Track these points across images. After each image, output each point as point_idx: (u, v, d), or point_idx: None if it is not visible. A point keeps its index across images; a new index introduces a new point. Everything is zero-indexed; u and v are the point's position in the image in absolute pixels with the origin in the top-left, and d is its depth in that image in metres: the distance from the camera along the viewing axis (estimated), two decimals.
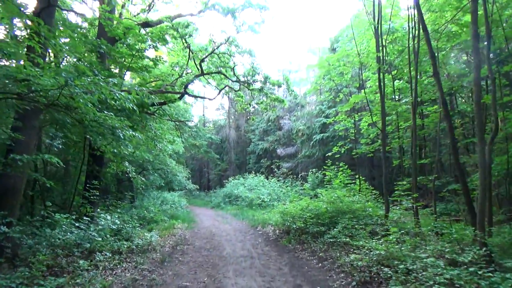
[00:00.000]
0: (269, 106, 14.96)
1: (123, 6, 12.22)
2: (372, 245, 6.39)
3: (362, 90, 14.13)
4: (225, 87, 12.43)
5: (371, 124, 15.23)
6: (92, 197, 9.28)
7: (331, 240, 7.85)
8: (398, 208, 10.30)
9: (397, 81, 12.89)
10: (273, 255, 8.04)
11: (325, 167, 15.52)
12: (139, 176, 12.17)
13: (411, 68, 9.55)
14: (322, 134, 21.63)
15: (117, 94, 5.98)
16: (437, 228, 6.99)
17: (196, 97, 12.09)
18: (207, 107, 79.71)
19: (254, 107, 32.67)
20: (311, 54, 36.50)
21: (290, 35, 62.54)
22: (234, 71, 13.95)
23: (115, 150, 11.22)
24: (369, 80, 14.58)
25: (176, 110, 27.87)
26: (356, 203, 9.38)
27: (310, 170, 20.69)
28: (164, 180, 19.79)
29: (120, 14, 11.96)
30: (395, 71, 12.78)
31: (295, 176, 26.09)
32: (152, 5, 13.23)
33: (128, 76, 16.21)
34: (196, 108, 55.28)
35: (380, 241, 6.57)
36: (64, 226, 7.20)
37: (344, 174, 14.55)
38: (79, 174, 10.65)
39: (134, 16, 13.19)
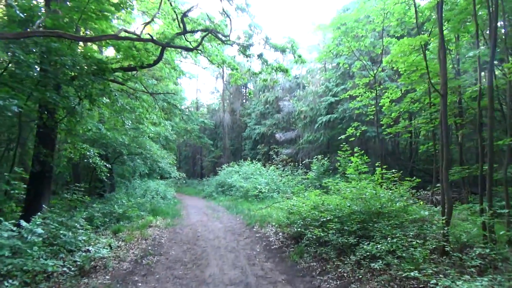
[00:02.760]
0: (269, 76, 12.15)
1: None
2: None
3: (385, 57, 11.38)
4: (207, 33, 9.53)
5: (396, 100, 12.53)
6: (15, 192, 6.46)
7: (370, 261, 5.15)
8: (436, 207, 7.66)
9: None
10: (279, 280, 5.35)
11: (339, 152, 12.79)
12: (102, 162, 9.37)
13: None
14: (328, 116, 18.87)
15: None
16: None
17: (174, 47, 9.19)
18: (200, 90, 77.04)
19: (251, 79, 29.76)
20: (311, 35, 33.51)
21: (288, 13, 59.19)
22: (226, 32, 11.09)
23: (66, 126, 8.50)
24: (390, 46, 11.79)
25: (165, 90, 25.19)
26: (393, 201, 6.69)
27: (315, 157, 18.00)
28: (145, 167, 17.03)
29: None
30: None
31: (296, 163, 23.42)
32: None
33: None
34: (189, 92, 52.25)
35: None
36: None
37: (360, 161, 11.94)
38: (13, 158, 7.81)
39: None
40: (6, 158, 10.31)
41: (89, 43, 8.58)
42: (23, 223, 4.88)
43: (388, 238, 5.27)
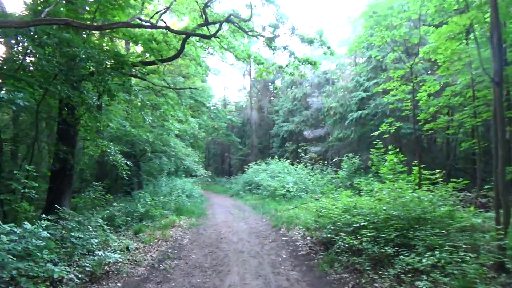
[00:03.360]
0: (296, 71, 11.50)
1: None
2: None
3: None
4: (227, 18, 9.00)
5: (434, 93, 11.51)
6: (26, 191, 6.22)
7: (412, 276, 4.45)
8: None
9: None
10: None
11: (372, 149, 11.99)
12: (123, 159, 9.12)
13: None
14: (359, 112, 17.91)
15: None
16: None
17: (190, 34, 8.70)
18: (227, 88, 77.26)
19: (278, 75, 28.90)
20: (340, 29, 32.29)
21: (316, 7, 57.79)
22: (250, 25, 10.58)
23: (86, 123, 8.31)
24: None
25: (193, 90, 25.06)
26: (435, 205, 5.89)
27: (345, 155, 17.14)
28: (171, 165, 16.86)
29: None
30: None
31: (325, 162, 22.58)
32: None
33: None
34: (216, 89, 52.26)
35: None
36: None
37: (395, 160, 11.10)
38: (31, 155, 7.67)
39: None
40: (37, 156, 10.36)
41: (106, 37, 8.31)
42: (27, 225, 4.58)
43: (436, 251, 4.53)
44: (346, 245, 5.70)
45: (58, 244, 5.33)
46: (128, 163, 9.17)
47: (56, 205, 7.92)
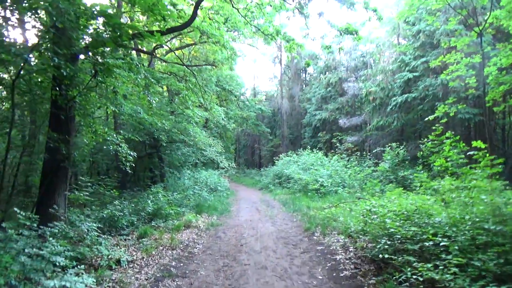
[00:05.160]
0: (329, 52, 9.61)
1: None
2: None
3: None
4: None
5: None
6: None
7: None
8: None
9: None
10: None
11: (430, 136, 9.92)
12: (126, 150, 7.71)
13: None
14: (405, 96, 15.61)
15: None
16: None
17: None
18: (258, 77, 75.68)
19: (310, 58, 26.71)
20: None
21: None
22: None
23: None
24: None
25: (219, 75, 23.66)
26: None
27: (388, 145, 14.99)
28: (195, 156, 15.50)
29: None
30: None
31: (363, 152, 20.43)
32: None
33: None
34: (246, 78, 50.90)
35: None
36: None
37: (455, 150, 9.01)
38: (7, 143, 6.38)
39: None
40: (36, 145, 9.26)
41: None
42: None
43: None
44: (417, 273, 3.85)
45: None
46: (131, 153, 7.74)
47: (47, 202, 6.77)
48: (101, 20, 6.25)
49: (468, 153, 8.83)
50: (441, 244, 3.78)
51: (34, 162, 8.24)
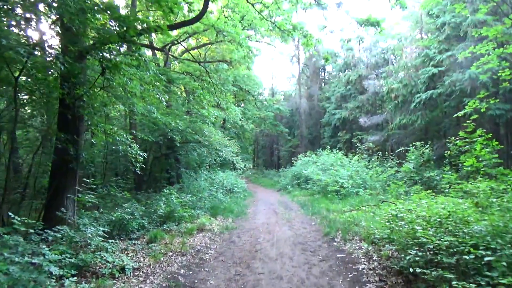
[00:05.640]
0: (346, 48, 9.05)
1: None
2: None
3: None
4: None
5: None
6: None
7: None
8: None
9: None
10: None
11: (461, 133, 9.25)
12: (136, 150, 7.41)
13: None
14: (429, 92, 14.78)
15: None
16: None
17: None
18: (275, 77, 75.15)
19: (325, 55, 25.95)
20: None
21: None
22: None
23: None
24: None
25: (236, 75, 23.34)
26: None
27: (412, 144, 14.23)
28: (211, 157, 15.15)
29: None
30: None
31: (385, 152, 19.63)
32: None
33: None
34: (264, 78, 50.50)
35: None
36: None
37: (487, 149, 8.36)
38: (10, 143, 6.17)
39: None
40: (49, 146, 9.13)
41: None
42: None
43: None
44: None
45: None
46: (141, 153, 7.44)
47: (55, 204, 6.59)
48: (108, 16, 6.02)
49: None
50: (485, 259, 3.23)
51: (45, 163, 8.07)
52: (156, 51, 15.27)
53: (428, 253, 3.99)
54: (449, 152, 11.34)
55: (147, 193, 11.71)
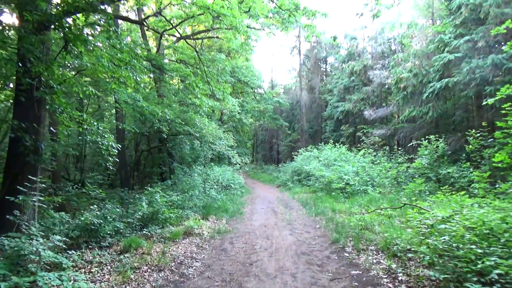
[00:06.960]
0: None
1: None
2: None
3: None
4: None
5: None
6: None
7: None
8: None
9: None
10: None
11: (472, 129, 8.03)
12: (109, 141, 6.18)
13: None
14: (444, 81, 13.49)
15: None
16: None
17: None
18: (275, 69, 73.62)
19: (331, 49, 24.47)
20: None
21: None
22: None
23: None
24: None
25: (234, 65, 22.08)
26: None
27: (426, 138, 13.02)
28: (205, 151, 13.92)
29: None
30: None
31: (393, 147, 18.42)
32: None
33: None
34: (263, 71, 49.17)
35: None
36: None
37: None
38: None
39: None
40: None
41: None
42: None
43: None
44: None
45: None
46: (114, 145, 6.21)
47: (6, 204, 5.43)
48: None
49: None
50: None
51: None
52: (145, 31, 14.00)
53: (494, 287, 2.78)
54: (470, 146, 10.16)
55: (132, 190, 10.52)
